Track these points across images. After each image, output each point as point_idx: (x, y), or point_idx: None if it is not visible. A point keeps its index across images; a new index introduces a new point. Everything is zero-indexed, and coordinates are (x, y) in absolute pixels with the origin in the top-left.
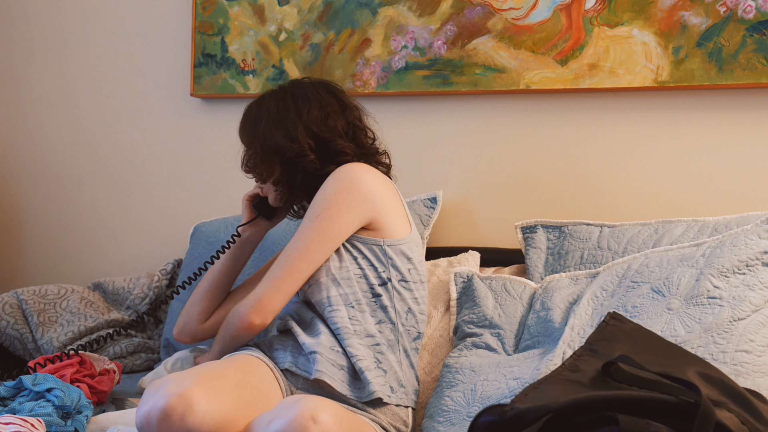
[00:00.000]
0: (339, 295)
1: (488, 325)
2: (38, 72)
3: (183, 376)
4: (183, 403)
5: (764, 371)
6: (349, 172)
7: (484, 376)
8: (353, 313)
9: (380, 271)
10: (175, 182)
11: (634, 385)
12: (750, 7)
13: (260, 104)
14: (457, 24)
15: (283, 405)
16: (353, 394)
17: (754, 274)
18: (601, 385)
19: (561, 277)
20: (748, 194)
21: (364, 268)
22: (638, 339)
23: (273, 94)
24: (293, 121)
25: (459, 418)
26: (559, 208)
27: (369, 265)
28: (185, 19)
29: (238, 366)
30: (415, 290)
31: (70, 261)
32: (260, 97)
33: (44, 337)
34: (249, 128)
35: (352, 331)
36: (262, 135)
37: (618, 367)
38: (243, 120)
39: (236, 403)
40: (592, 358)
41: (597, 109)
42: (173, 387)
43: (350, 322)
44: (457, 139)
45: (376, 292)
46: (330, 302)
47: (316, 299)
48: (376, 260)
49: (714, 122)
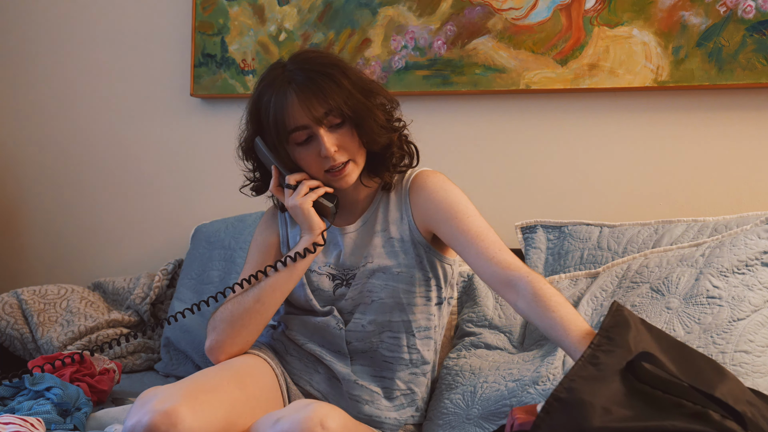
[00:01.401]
0: (402, 321)
1: (488, 325)
2: (38, 72)
3: (171, 390)
4: (167, 421)
5: (764, 371)
6: (444, 179)
7: (484, 378)
8: (413, 342)
9: (442, 291)
10: (176, 182)
11: (658, 388)
12: (750, 7)
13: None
14: (457, 24)
15: (295, 407)
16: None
17: (754, 274)
18: (627, 385)
19: (560, 278)
20: (748, 194)
21: (431, 290)
22: (651, 329)
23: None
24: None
25: (459, 421)
26: (559, 208)
27: (437, 285)
28: (185, 19)
29: (236, 373)
30: (451, 305)
31: (70, 261)
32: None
33: (44, 337)
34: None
35: (408, 361)
36: (376, 92)
37: (641, 365)
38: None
39: (226, 417)
40: (610, 347)
41: (597, 109)
42: (159, 404)
43: (408, 351)
44: (457, 139)
45: (435, 314)
46: (390, 327)
47: (380, 319)
48: (444, 280)
49: (714, 122)
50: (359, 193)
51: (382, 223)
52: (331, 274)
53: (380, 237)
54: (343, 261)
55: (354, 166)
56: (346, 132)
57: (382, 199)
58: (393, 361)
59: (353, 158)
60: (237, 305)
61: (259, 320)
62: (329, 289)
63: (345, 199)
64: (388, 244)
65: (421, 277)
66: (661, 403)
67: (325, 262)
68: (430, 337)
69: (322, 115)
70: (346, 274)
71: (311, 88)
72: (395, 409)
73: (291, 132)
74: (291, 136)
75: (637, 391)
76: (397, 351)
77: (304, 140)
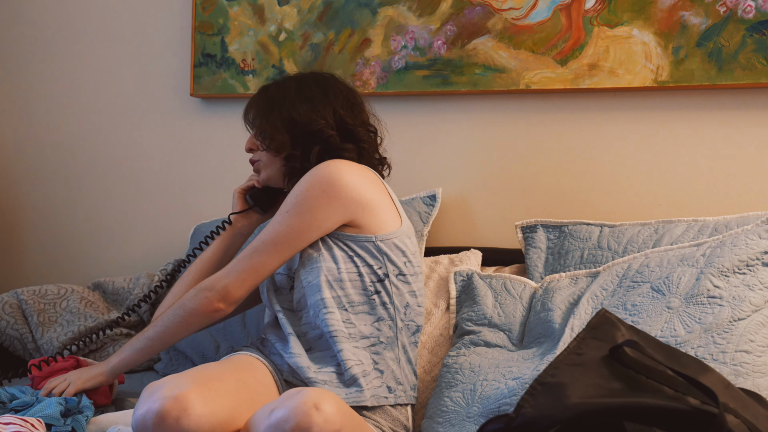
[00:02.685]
0: (332, 297)
1: (487, 323)
2: (38, 72)
3: (180, 378)
4: (178, 406)
5: (764, 371)
6: (328, 169)
7: (483, 376)
8: (347, 316)
9: (376, 268)
10: (175, 182)
11: (641, 373)
12: (750, 7)
13: (280, 84)
14: (457, 24)
15: (286, 395)
16: (349, 399)
17: (755, 274)
18: (610, 370)
19: (561, 277)
20: (748, 194)
21: (359, 267)
22: (639, 332)
23: (293, 78)
24: (321, 99)
25: (459, 419)
26: (559, 208)
27: (364, 263)
28: (185, 19)
29: (236, 367)
30: (412, 283)
31: (70, 261)
32: (276, 81)
33: (44, 337)
34: (269, 100)
35: (347, 335)
36: (286, 106)
37: (624, 351)
38: (259, 96)
39: (233, 406)
40: (595, 341)
41: (597, 109)
42: (169, 390)
43: (344, 326)
44: (457, 139)
45: (376, 289)
46: (325, 304)
47: (312, 301)
48: (371, 257)
49: (714, 122)
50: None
51: None
52: (283, 274)
53: None
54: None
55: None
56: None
57: None
58: (337, 335)
59: (261, 159)
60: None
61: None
62: (287, 286)
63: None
64: None
65: (344, 256)
66: (644, 386)
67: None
68: (369, 313)
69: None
70: (291, 270)
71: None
72: (352, 382)
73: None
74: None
75: (620, 375)
76: (336, 326)
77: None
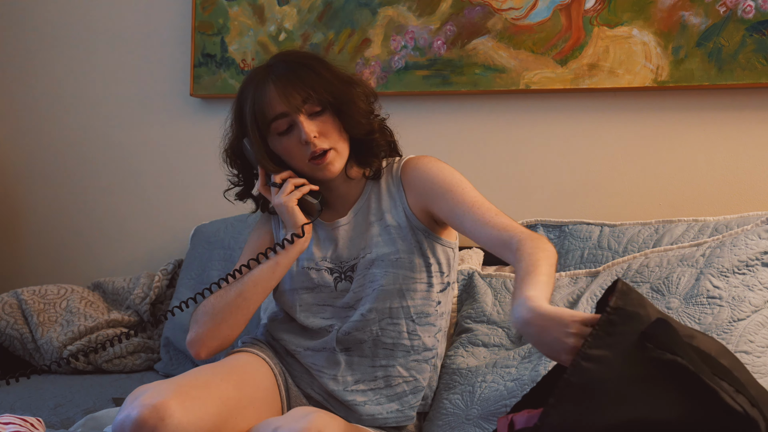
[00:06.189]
0: (401, 307)
1: (486, 320)
2: (38, 72)
3: (163, 385)
4: (155, 415)
5: (764, 372)
6: (439, 161)
7: (482, 377)
8: (413, 327)
9: (445, 276)
10: (175, 182)
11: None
12: (750, 7)
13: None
14: (457, 24)
15: (293, 416)
16: (389, 417)
17: (754, 275)
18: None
19: (561, 277)
20: (748, 194)
21: (433, 275)
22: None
23: (309, 58)
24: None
25: (458, 421)
26: (559, 208)
27: (438, 270)
28: (185, 19)
29: (231, 370)
30: (455, 290)
31: (70, 261)
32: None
33: (44, 337)
34: (337, 70)
35: (409, 347)
36: (357, 83)
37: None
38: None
39: (219, 413)
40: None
41: (596, 109)
42: (149, 398)
43: (408, 338)
44: (457, 138)
45: (438, 300)
46: (391, 314)
47: (381, 306)
48: (446, 265)
49: (714, 122)
50: (348, 186)
51: (376, 213)
52: (329, 268)
53: (377, 226)
54: (339, 253)
55: (336, 154)
56: (327, 119)
57: (372, 189)
58: (393, 348)
59: (334, 146)
60: (219, 299)
61: (240, 315)
62: (331, 283)
63: (334, 194)
64: (386, 232)
65: (421, 263)
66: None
67: (322, 257)
68: (433, 324)
69: (300, 102)
70: (343, 266)
71: (289, 77)
72: (396, 398)
73: (271, 121)
74: (271, 126)
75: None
76: (397, 338)
77: (285, 129)
